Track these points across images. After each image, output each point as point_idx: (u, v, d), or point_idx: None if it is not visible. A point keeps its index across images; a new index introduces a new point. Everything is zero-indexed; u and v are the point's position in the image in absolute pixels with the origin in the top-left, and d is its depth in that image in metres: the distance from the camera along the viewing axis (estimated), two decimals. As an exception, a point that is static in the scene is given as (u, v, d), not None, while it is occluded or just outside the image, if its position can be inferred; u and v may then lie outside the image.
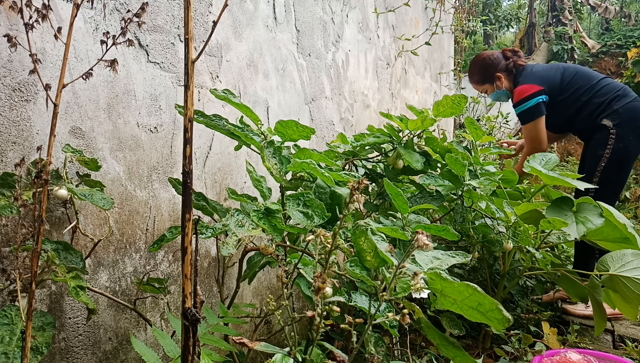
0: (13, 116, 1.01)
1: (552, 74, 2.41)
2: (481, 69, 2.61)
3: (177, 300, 1.44)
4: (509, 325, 0.83)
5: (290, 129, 1.26)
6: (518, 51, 2.62)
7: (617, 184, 2.33)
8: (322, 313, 0.82)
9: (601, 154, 2.28)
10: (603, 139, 2.29)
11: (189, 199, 0.72)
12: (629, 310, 1.61)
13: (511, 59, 2.54)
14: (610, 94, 2.32)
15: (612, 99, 2.30)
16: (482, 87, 2.65)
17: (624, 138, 2.25)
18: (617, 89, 2.34)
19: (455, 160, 1.61)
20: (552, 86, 2.38)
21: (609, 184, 2.26)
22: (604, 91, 2.33)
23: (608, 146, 2.27)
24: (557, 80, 2.39)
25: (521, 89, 2.39)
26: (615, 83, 2.39)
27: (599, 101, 2.32)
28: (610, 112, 2.29)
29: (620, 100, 2.30)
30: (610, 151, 2.26)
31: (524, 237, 1.69)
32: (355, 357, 0.91)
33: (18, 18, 0.99)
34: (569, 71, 2.42)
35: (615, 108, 2.28)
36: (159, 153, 1.36)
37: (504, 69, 2.54)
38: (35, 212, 0.84)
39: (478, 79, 2.65)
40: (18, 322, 0.88)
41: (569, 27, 13.27)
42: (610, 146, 2.26)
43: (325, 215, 1.09)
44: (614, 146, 2.26)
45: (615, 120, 2.27)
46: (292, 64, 1.96)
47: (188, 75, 0.72)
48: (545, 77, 2.40)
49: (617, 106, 2.28)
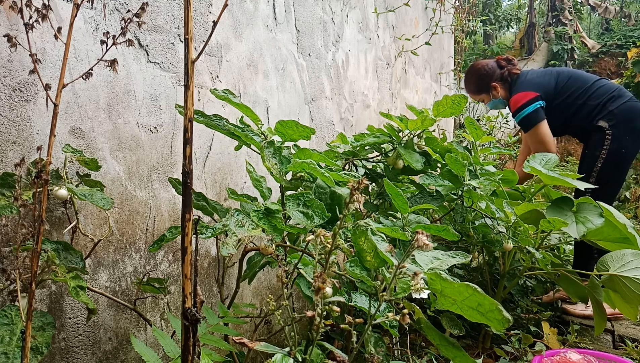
0: (13, 116, 1.01)
1: (546, 80, 2.44)
2: (477, 79, 2.64)
3: (177, 300, 1.44)
4: (509, 325, 0.83)
5: (290, 129, 1.26)
6: (512, 59, 2.65)
7: (613, 184, 2.34)
8: (322, 313, 0.82)
9: (597, 155, 2.30)
10: (599, 140, 2.31)
11: (189, 199, 0.72)
12: (629, 310, 1.61)
13: (505, 68, 2.58)
14: (605, 96, 2.34)
15: (607, 101, 2.32)
16: (478, 97, 2.69)
17: (619, 138, 2.27)
18: (612, 90, 2.35)
19: (455, 160, 1.61)
20: (547, 91, 2.41)
21: (605, 184, 2.27)
22: (599, 93, 2.35)
23: (604, 146, 2.28)
24: (551, 85, 2.41)
25: (516, 98, 2.43)
26: (610, 84, 2.40)
27: (594, 103, 2.34)
28: (606, 113, 2.30)
29: (615, 101, 2.31)
30: (606, 152, 2.28)
31: (524, 237, 1.69)
32: (355, 357, 0.91)
33: (18, 18, 0.99)
34: (563, 75, 2.44)
35: (610, 109, 2.30)
36: (159, 153, 1.36)
37: (499, 78, 2.58)
38: (35, 212, 0.84)
39: (474, 89, 2.68)
40: (18, 322, 0.88)
41: (569, 27, 13.28)
42: (607, 146, 2.28)
43: (325, 215, 1.09)
44: (610, 146, 2.27)
45: (611, 121, 2.29)
46: (292, 64, 1.96)
47: (188, 75, 0.72)
48: (540, 83, 2.43)
49: (612, 107, 2.30)
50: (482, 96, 2.66)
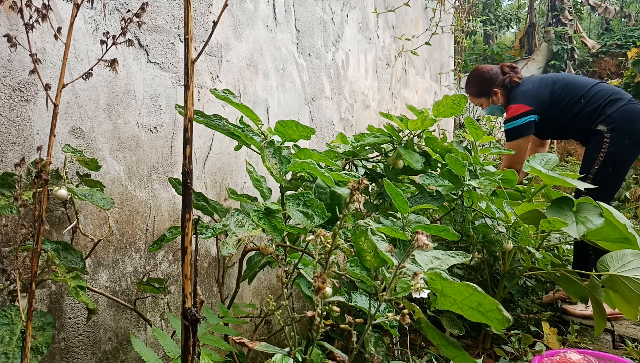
0: (13, 116, 1.01)
1: (541, 92, 2.48)
2: (479, 82, 2.67)
3: (177, 300, 1.44)
4: (509, 325, 0.83)
5: (290, 129, 1.26)
6: (516, 67, 2.69)
7: (611, 185, 2.36)
8: (322, 313, 0.82)
9: (595, 158, 2.32)
10: (598, 143, 2.33)
11: (189, 199, 0.72)
12: (629, 310, 1.61)
13: (508, 75, 2.61)
14: (603, 100, 2.35)
15: (606, 105, 2.34)
16: (478, 100, 2.73)
17: (618, 141, 2.29)
18: (609, 94, 2.36)
19: (455, 160, 1.61)
20: (542, 102, 2.44)
21: (603, 185, 2.28)
22: (596, 97, 2.37)
23: (602, 149, 2.30)
24: (546, 96, 2.45)
25: (513, 108, 2.48)
26: (607, 88, 2.42)
27: (591, 108, 2.36)
28: (605, 117, 2.32)
29: (613, 104, 2.33)
30: (604, 154, 2.30)
31: (524, 237, 1.69)
32: (355, 357, 0.91)
33: (18, 18, 0.99)
34: (558, 84, 2.47)
35: (608, 113, 2.31)
36: (159, 153, 1.36)
37: (500, 85, 2.61)
38: (35, 212, 0.84)
39: (475, 92, 2.71)
40: (18, 322, 0.88)
41: (569, 27, 13.28)
42: (605, 149, 2.30)
43: (325, 215, 1.09)
44: (608, 149, 2.29)
45: (609, 125, 2.30)
46: (292, 64, 1.96)
47: (188, 75, 0.72)
48: (536, 95, 2.47)
49: (611, 110, 2.32)
50: (482, 99, 2.70)
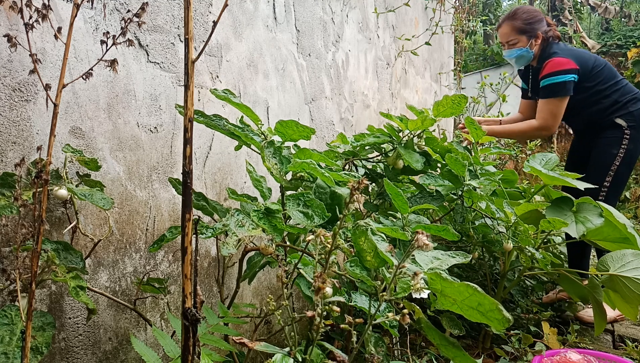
0: (13, 116, 1.01)
1: (586, 57, 2.34)
2: (529, 18, 2.39)
3: (177, 300, 1.44)
4: (509, 325, 0.83)
5: (290, 129, 1.26)
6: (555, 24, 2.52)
7: (622, 185, 2.35)
8: (322, 313, 0.82)
9: (615, 154, 2.27)
10: (617, 138, 2.29)
11: (189, 199, 0.72)
12: (629, 310, 1.61)
13: (552, 28, 2.42)
14: (628, 95, 2.32)
15: (630, 101, 2.31)
16: (516, 37, 2.40)
17: (636, 140, 2.27)
18: (634, 91, 2.35)
19: (455, 160, 1.61)
20: (585, 68, 2.30)
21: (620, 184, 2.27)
22: (624, 90, 2.33)
23: (622, 145, 2.27)
24: (589, 65, 2.32)
25: (559, 60, 2.28)
26: (632, 86, 2.40)
27: (616, 98, 2.31)
28: (626, 113, 2.29)
29: (636, 103, 2.31)
30: (624, 151, 2.27)
31: (524, 237, 1.69)
32: (355, 357, 0.91)
33: (18, 18, 0.99)
34: (600, 60, 2.37)
35: (631, 110, 2.29)
36: (159, 153, 1.36)
37: (543, 32, 2.39)
38: (35, 212, 0.84)
39: (519, 27, 2.38)
40: (18, 322, 0.88)
41: (569, 27, 13.27)
42: (624, 146, 2.27)
43: (325, 215, 1.09)
44: (627, 146, 2.27)
45: (630, 122, 2.28)
46: (292, 64, 1.96)
47: (188, 75, 0.72)
48: (582, 57, 2.34)
49: (633, 108, 2.29)
50: (522, 37, 2.39)
